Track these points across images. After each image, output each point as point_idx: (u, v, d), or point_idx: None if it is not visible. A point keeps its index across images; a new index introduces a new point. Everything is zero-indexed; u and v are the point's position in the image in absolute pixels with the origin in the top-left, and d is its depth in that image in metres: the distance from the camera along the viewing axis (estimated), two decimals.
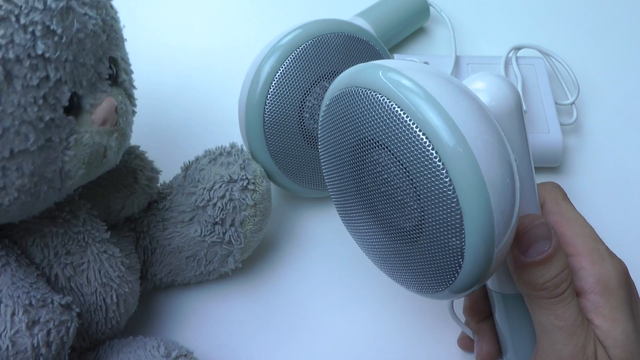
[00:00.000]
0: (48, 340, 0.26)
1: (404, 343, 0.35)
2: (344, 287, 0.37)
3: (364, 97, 0.24)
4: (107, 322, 0.31)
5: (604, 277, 0.26)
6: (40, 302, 0.26)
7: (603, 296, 0.26)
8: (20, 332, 0.25)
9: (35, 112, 0.24)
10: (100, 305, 0.30)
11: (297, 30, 0.35)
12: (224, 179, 0.34)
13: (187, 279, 0.36)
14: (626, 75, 0.50)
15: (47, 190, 0.26)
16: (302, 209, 0.41)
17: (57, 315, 0.26)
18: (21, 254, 0.29)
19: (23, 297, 0.26)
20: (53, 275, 0.29)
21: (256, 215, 0.34)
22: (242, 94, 0.36)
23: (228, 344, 0.35)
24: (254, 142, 0.36)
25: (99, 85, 0.27)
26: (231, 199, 0.34)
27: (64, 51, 0.24)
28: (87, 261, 0.30)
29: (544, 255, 0.25)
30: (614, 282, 0.26)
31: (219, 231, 0.34)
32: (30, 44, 0.23)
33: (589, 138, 0.46)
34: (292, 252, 0.39)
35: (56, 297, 0.27)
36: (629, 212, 0.42)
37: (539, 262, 0.25)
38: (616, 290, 0.26)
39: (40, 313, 0.26)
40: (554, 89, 0.45)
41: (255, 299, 0.37)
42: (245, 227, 0.34)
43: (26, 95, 0.23)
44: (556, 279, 0.25)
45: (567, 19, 0.54)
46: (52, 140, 0.25)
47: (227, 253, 0.35)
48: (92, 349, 0.31)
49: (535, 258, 0.25)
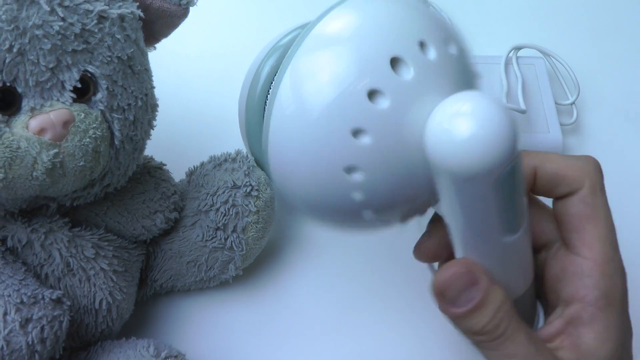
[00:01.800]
0: (42, 336, 0.26)
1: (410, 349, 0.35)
2: (347, 292, 0.37)
3: None
4: (98, 326, 0.30)
5: (610, 292, 0.24)
6: (31, 299, 0.26)
7: (603, 312, 0.24)
8: (14, 332, 0.25)
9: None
10: (90, 308, 0.30)
11: (297, 30, 0.35)
12: (228, 185, 0.34)
13: (188, 285, 0.36)
14: (626, 76, 0.50)
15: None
16: None
17: (50, 311, 0.26)
18: (6, 251, 0.28)
19: (14, 295, 0.26)
20: (43, 275, 0.29)
21: (259, 222, 0.34)
22: (242, 94, 0.36)
23: (228, 350, 0.35)
24: (254, 142, 0.36)
25: (56, 94, 0.25)
26: (234, 205, 0.33)
27: (8, 40, 0.23)
28: (74, 273, 0.29)
29: (474, 302, 0.24)
30: (618, 297, 0.24)
31: (221, 236, 0.34)
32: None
33: (589, 138, 0.46)
34: (292, 255, 0.39)
35: (47, 293, 0.27)
36: (629, 212, 0.42)
37: (472, 310, 0.24)
38: (618, 307, 0.24)
39: (33, 310, 0.26)
40: (554, 89, 0.45)
41: (256, 304, 0.36)
42: (248, 234, 0.34)
43: None
44: (494, 321, 0.24)
45: (568, 19, 0.54)
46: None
47: (228, 259, 0.34)
48: (83, 348, 0.31)
49: (466, 307, 0.24)
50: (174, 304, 0.36)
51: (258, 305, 0.37)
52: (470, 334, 0.24)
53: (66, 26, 0.25)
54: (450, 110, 0.19)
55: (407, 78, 0.20)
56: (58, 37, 0.25)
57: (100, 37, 0.26)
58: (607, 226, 0.25)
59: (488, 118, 0.19)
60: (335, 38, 0.21)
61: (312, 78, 0.21)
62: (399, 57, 0.20)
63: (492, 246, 0.23)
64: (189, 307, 0.36)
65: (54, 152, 0.25)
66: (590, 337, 0.24)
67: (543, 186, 0.26)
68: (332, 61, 0.21)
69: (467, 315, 0.24)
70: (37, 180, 0.25)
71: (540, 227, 0.27)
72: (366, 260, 0.39)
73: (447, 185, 0.21)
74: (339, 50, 0.21)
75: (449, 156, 0.19)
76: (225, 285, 0.36)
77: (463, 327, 0.24)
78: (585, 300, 0.24)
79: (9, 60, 0.24)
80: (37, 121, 0.25)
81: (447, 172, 0.20)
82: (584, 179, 0.25)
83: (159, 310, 0.36)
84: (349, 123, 0.20)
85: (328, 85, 0.20)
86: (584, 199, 0.25)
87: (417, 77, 0.20)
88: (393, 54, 0.20)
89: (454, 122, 0.19)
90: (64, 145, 0.25)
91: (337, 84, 0.20)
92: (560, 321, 0.25)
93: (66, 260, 0.29)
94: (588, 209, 0.25)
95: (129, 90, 0.28)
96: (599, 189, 0.25)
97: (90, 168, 0.27)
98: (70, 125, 0.25)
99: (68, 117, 0.25)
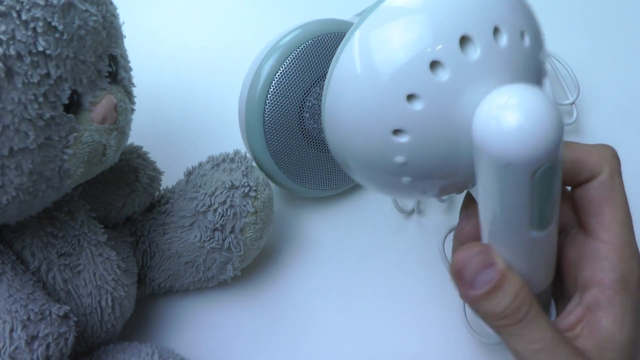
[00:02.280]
0: (47, 354, 0.26)
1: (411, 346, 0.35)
2: (347, 290, 0.37)
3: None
4: (103, 325, 0.30)
5: (627, 276, 0.24)
6: (38, 315, 0.26)
7: (620, 295, 0.24)
8: (19, 349, 0.25)
9: (35, 109, 0.23)
10: (95, 307, 0.30)
11: (297, 30, 0.35)
12: (226, 185, 0.34)
13: (186, 285, 0.35)
14: (626, 76, 0.50)
15: (46, 189, 0.26)
16: (302, 210, 0.41)
17: (56, 328, 0.26)
18: (16, 260, 0.28)
19: (21, 311, 0.26)
20: (51, 278, 0.29)
21: (257, 222, 0.34)
22: (242, 94, 0.36)
23: (227, 351, 0.35)
24: (254, 142, 0.36)
25: (99, 82, 0.27)
26: (232, 205, 0.33)
27: (65, 48, 0.24)
28: (82, 263, 0.29)
29: (492, 283, 0.24)
30: (635, 282, 0.25)
31: (219, 237, 0.34)
32: (32, 41, 0.23)
33: (588, 138, 0.46)
34: (292, 254, 0.39)
35: (54, 309, 0.27)
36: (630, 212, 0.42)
37: (490, 292, 0.24)
38: (634, 292, 0.24)
39: (39, 327, 0.26)
40: (554, 90, 0.45)
41: (254, 305, 0.36)
42: (246, 235, 0.34)
43: (27, 93, 0.23)
44: (514, 303, 0.24)
45: (568, 19, 0.54)
46: (52, 139, 0.25)
47: (226, 260, 0.34)
48: (86, 353, 0.31)
49: (484, 289, 0.24)
50: (173, 304, 0.36)
51: (257, 305, 0.36)
52: (491, 318, 0.24)
53: (95, 19, 0.26)
54: (502, 100, 0.20)
55: (472, 58, 0.21)
56: (93, 32, 0.26)
57: (110, 21, 0.28)
58: (625, 211, 0.25)
59: (536, 112, 0.19)
60: (409, 8, 0.22)
61: (380, 42, 0.22)
62: (469, 36, 0.21)
63: (519, 239, 0.24)
64: (188, 307, 0.36)
65: (115, 134, 0.28)
66: (609, 320, 0.24)
67: (564, 174, 0.26)
68: (404, 29, 0.21)
69: (486, 298, 0.24)
70: (106, 163, 0.28)
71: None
72: (366, 260, 0.39)
73: (487, 169, 0.21)
74: (412, 18, 0.21)
75: (494, 144, 0.20)
76: (224, 286, 0.36)
77: (484, 312, 0.24)
78: (602, 283, 0.24)
79: (70, 66, 0.25)
80: (98, 113, 0.26)
81: (489, 157, 0.20)
82: (603, 165, 0.26)
83: (158, 311, 0.36)
84: (406, 87, 0.21)
85: (395, 51, 0.21)
86: (603, 183, 0.25)
87: (482, 59, 0.21)
88: (464, 32, 0.21)
89: (503, 112, 0.19)
90: (119, 125, 0.28)
91: (405, 51, 0.21)
92: (580, 309, 0.25)
93: (77, 237, 0.29)
94: (607, 193, 0.25)
95: (126, 58, 0.30)
96: (618, 174, 0.26)
97: (128, 138, 0.30)
98: (117, 107, 0.27)
99: (114, 101, 0.27)
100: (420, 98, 0.21)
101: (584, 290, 0.25)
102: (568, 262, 0.27)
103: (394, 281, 0.37)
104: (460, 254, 0.25)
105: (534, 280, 0.25)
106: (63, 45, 0.24)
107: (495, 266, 0.24)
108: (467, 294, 0.25)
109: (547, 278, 0.27)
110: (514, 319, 0.24)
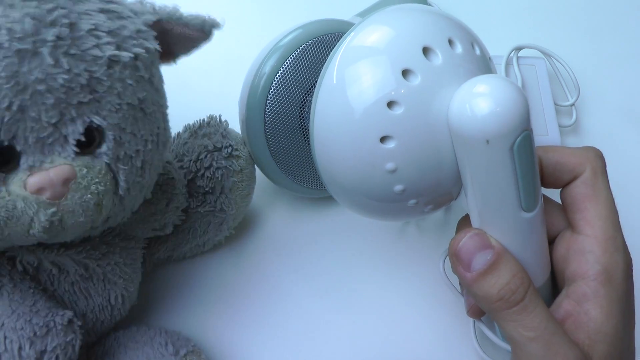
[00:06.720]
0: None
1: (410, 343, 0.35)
2: (347, 291, 0.37)
3: None
4: (113, 318, 0.31)
5: (611, 268, 0.25)
6: (43, 329, 0.26)
7: (605, 287, 0.25)
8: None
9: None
10: (105, 305, 0.30)
11: (298, 30, 0.35)
12: (209, 148, 0.34)
13: (183, 252, 0.36)
14: (626, 77, 0.50)
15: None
16: (302, 210, 0.41)
17: (62, 338, 0.26)
18: (12, 269, 0.28)
19: (27, 327, 0.25)
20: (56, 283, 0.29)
21: (243, 180, 0.35)
22: (242, 94, 0.36)
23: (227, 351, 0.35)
24: (255, 142, 0.36)
25: (57, 148, 0.23)
26: (218, 167, 0.34)
27: (8, 97, 0.21)
28: (90, 276, 0.29)
29: (488, 263, 0.25)
30: (620, 275, 0.25)
31: (210, 200, 0.35)
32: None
33: (588, 139, 0.46)
34: (292, 254, 0.39)
35: (57, 318, 0.26)
36: (628, 213, 0.42)
37: (486, 272, 0.25)
38: (619, 284, 0.25)
39: (46, 341, 0.26)
40: (554, 90, 0.45)
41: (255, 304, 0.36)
42: (235, 193, 0.35)
43: None
44: (510, 285, 0.24)
45: (568, 19, 0.54)
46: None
47: (220, 221, 0.35)
48: (97, 342, 0.32)
49: (480, 268, 0.25)
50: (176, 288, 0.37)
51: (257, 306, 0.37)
52: (487, 301, 0.25)
53: (71, 78, 0.22)
54: (470, 88, 0.23)
55: (436, 63, 0.24)
56: (62, 90, 0.22)
57: (109, 85, 0.24)
58: (608, 206, 0.27)
59: (503, 90, 0.22)
60: (375, 38, 0.25)
61: (355, 62, 0.25)
62: (430, 46, 0.24)
63: (509, 220, 0.25)
64: (190, 291, 0.37)
65: (52, 211, 0.23)
66: (596, 311, 0.25)
67: (549, 175, 0.28)
68: (374, 50, 0.25)
69: (483, 277, 0.25)
70: (34, 237, 0.24)
71: (551, 220, 0.28)
72: (366, 260, 0.39)
73: (470, 153, 0.24)
74: (383, 38, 0.25)
75: (470, 128, 0.23)
76: (224, 284, 0.36)
77: (481, 295, 0.25)
78: (587, 275, 0.25)
79: (7, 119, 0.22)
80: (35, 180, 0.23)
81: (468, 139, 0.23)
82: (585, 164, 0.27)
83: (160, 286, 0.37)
84: (386, 96, 0.24)
85: (372, 68, 0.24)
86: (585, 181, 0.27)
87: (444, 64, 0.24)
88: (425, 44, 0.25)
89: (475, 98, 0.22)
90: (63, 203, 0.23)
91: (380, 65, 0.24)
92: (568, 303, 0.26)
93: (84, 264, 0.29)
94: (589, 190, 0.27)
95: (139, 135, 0.26)
96: (600, 172, 0.27)
97: (92, 221, 0.25)
98: (70, 183, 0.23)
99: (69, 174, 0.23)
100: (400, 103, 0.24)
101: (570, 283, 0.26)
102: (557, 259, 0.28)
103: (394, 281, 0.37)
104: (458, 236, 0.26)
105: (529, 269, 0.26)
106: (6, 92, 0.21)
107: (491, 248, 0.25)
108: (464, 276, 0.25)
109: (542, 270, 0.27)
110: (511, 302, 0.24)
